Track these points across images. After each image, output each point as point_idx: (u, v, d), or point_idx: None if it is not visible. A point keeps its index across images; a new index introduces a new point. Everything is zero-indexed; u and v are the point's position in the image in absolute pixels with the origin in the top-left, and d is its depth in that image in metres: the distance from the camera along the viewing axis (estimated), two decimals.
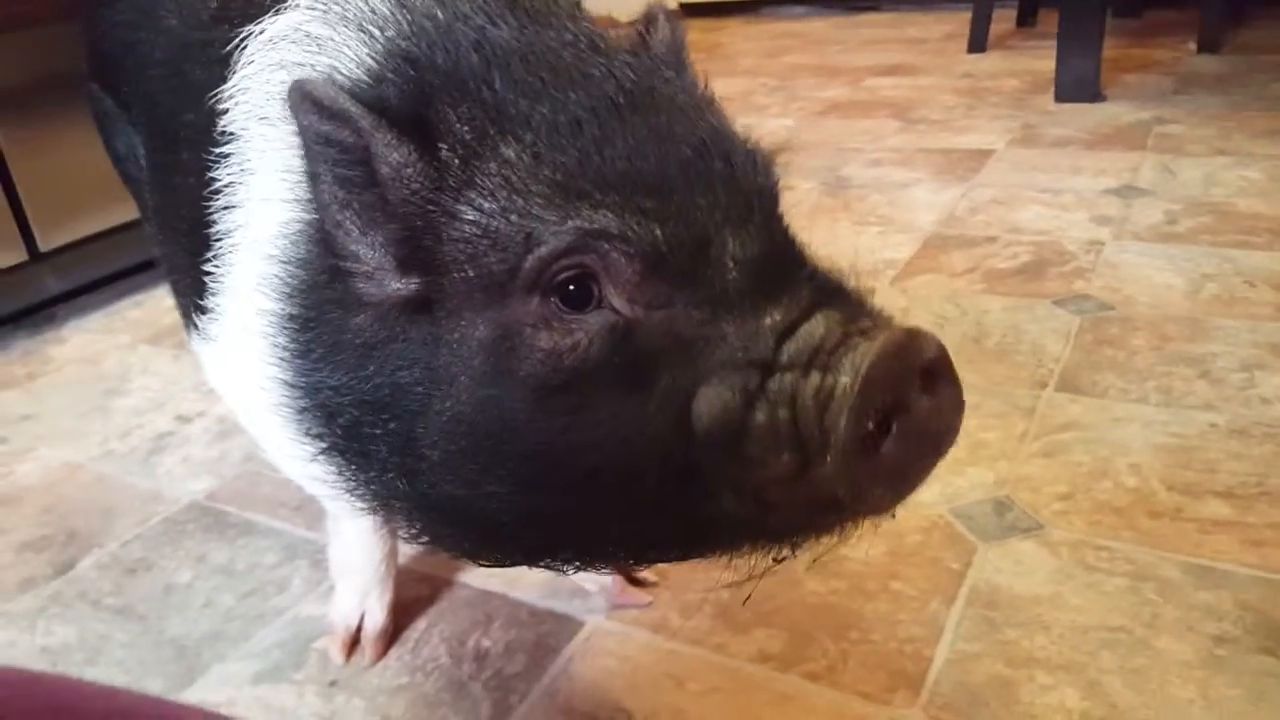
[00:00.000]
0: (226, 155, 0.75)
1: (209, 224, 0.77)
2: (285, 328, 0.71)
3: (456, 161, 0.62)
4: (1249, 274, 1.66)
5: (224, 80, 0.76)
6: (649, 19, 0.74)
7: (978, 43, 3.51)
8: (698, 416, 0.59)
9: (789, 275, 0.62)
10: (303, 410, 0.73)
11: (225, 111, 0.75)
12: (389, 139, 0.60)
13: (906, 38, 3.92)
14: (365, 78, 0.65)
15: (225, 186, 0.75)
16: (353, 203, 0.63)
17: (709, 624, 1.04)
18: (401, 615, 1.09)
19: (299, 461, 0.77)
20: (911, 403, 0.57)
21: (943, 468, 1.28)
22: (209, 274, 0.79)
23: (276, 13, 0.75)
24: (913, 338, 0.57)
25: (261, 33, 0.73)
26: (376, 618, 1.06)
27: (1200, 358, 1.43)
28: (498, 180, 0.61)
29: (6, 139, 1.83)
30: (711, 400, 0.59)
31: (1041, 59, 3.08)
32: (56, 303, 2.04)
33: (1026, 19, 3.78)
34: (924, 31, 3.99)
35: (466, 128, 0.62)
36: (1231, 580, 1.02)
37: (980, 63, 3.38)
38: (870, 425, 0.56)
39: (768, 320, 0.59)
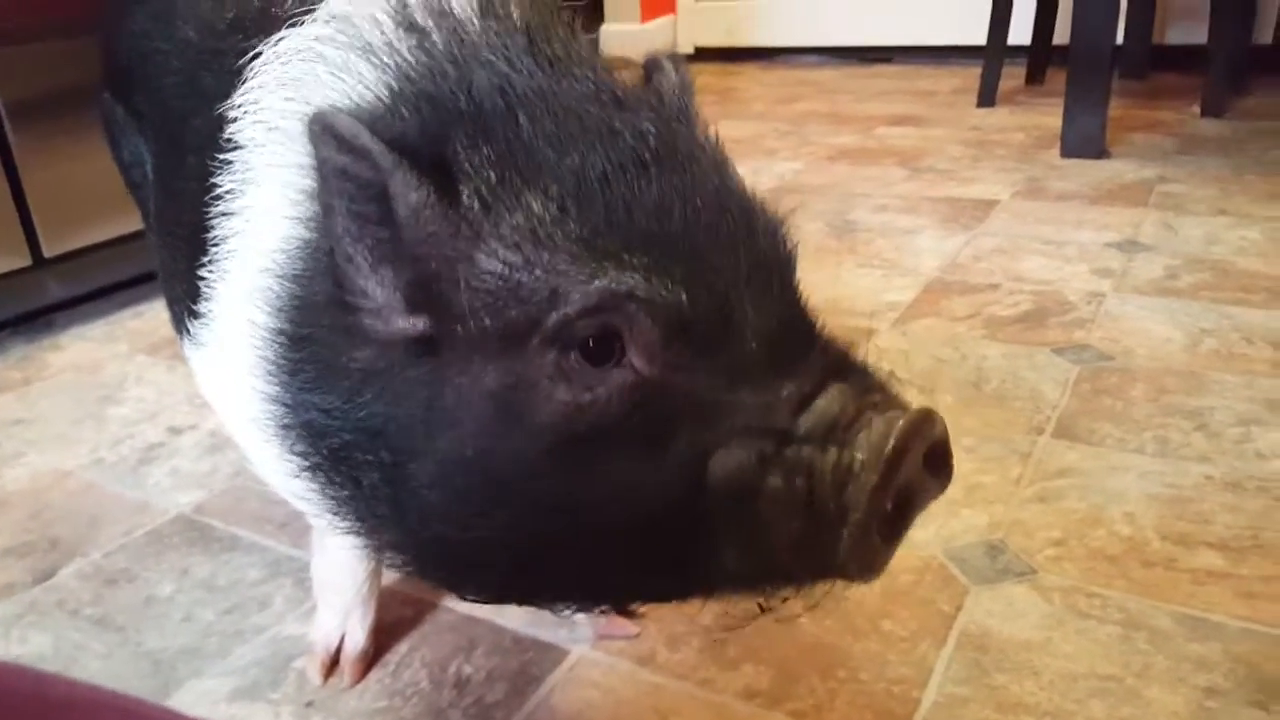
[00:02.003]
0: (230, 163, 0.75)
1: (207, 229, 0.77)
2: (275, 343, 0.71)
3: (478, 207, 0.60)
4: (1247, 331, 1.66)
5: (234, 89, 0.77)
6: (652, 66, 0.74)
7: (987, 97, 3.54)
8: (713, 477, 0.60)
9: (803, 346, 0.63)
10: (286, 426, 0.72)
11: (233, 120, 0.75)
12: (408, 178, 0.59)
13: (917, 90, 3.96)
14: (383, 111, 0.64)
15: (226, 193, 0.75)
16: (366, 239, 0.62)
17: (696, 658, 1.02)
18: (383, 637, 1.07)
19: (282, 476, 0.76)
20: (918, 483, 0.59)
21: (938, 509, 1.27)
22: (203, 279, 0.79)
23: (292, 25, 0.75)
24: (924, 420, 0.58)
25: (276, 45, 0.74)
26: (357, 639, 1.04)
27: (1197, 411, 1.42)
28: (523, 231, 0.60)
29: (19, 146, 1.84)
30: (728, 462, 0.60)
31: (1049, 115, 3.11)
32: (57, 309, 2.04)
33: (1035, 76, 3.81)
34: (934, 84, 4.03)
35: (490, 173, 0.61)
36: (1223, 632, 1.00)
37: (989, 117, 3.41)
38: (888, 505, 0.58)
39: (784, 392, 0.60)
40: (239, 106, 0.75)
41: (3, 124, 1.83)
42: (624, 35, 4.80)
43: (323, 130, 0.60)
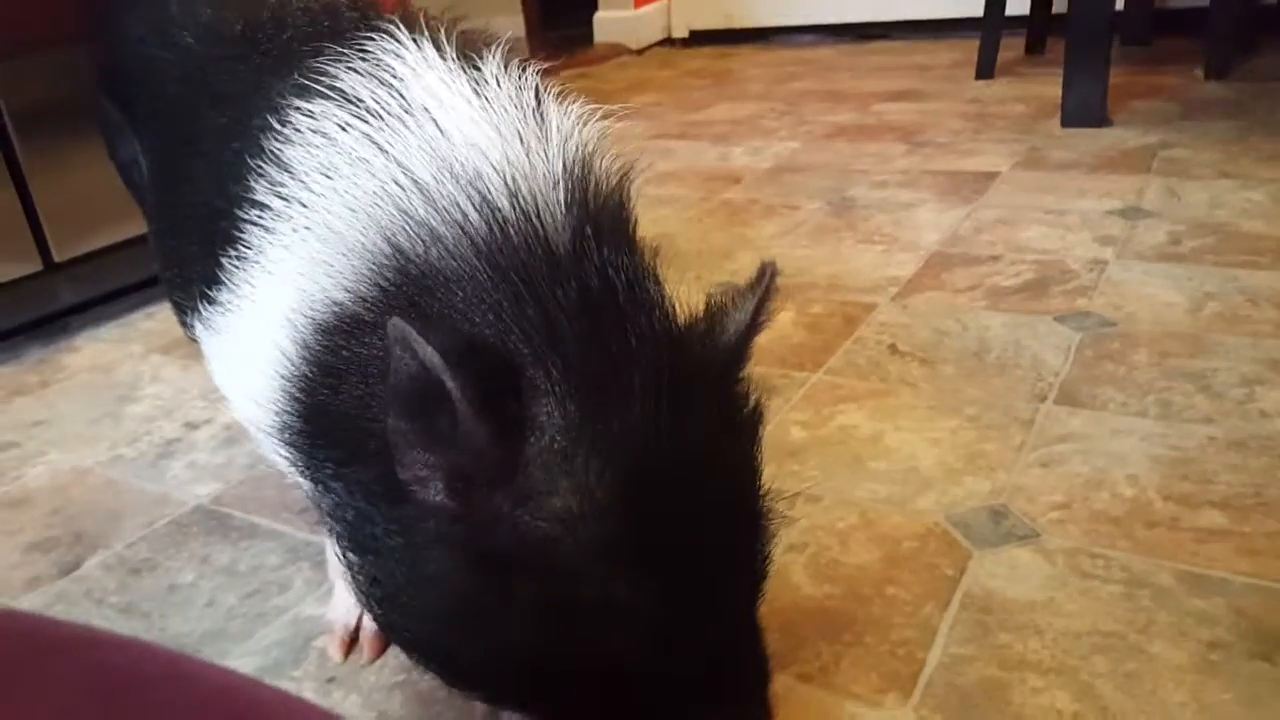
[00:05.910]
0: (277, 184, 0.76)
1: (232, 222, 0.79)
2: (298, 374, 0.73)
3: (534, 470, 0.62)
4: (1251, 292, 1.66)
5: (258, 96, 0.78)
6: (763, 275, 0.73)
7: (986, 69, 3.53)
8: None
9: (738, 668, 0.70)
10: (298, 447, 0.75)
11: (277, 138, 0.76)
12: (480, 429, 0.60)
13: (915, 64, 3.95)
14: (455, 313, 0.65)
15: (264, 204, 0.76)
16: (422, 425, 0.62)
17: None
18: None
19: (293, 472, 0.79)
20: None
21: (940, 475, 1.28)
22: (223, 269, 0.81)
23: (342, 42, 0.77)
24: None
25: (331, 77, 0.75)
26: None
27: (1200, 373, 1.43)
28: (568, 514, 0.61)
29: (26, 152, 1.87)
30: None
31: (1049, 85, 3.10)
32: (70, 313, 2.07)
33: (1035, 46, 3.80)
34: (932, 59, 4.02)
35: (551, 437, 0.62)
36: (1226, 588, 1.02)
37: (988, 89, 3.40)
38: None
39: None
40: (286, 122, 0.76)
41: (8, 132, 1.85)
42: (617, 22, 4.80)
43: (402, 341, 0.59)
